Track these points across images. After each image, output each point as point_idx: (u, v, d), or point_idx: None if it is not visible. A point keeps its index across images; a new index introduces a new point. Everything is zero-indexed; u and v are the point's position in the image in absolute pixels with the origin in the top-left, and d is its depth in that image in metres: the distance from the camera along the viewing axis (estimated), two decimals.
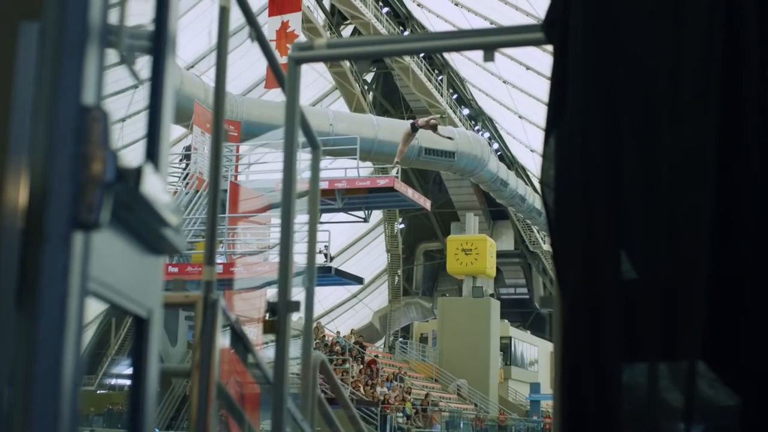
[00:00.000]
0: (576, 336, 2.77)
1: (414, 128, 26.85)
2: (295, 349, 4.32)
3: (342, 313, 64.69)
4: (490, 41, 3.49)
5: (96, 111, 1.60)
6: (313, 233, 4.34)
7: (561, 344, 2.85)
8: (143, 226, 1.87)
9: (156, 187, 1.78)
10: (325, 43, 3.68)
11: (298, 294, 4.20)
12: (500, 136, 62.98)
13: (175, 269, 23.38)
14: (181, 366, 3.95)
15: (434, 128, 26.87)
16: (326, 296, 58.63)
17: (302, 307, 4.04)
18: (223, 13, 3.43)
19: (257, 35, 3.53)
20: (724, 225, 2.59)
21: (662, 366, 2.68)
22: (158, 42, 2.16)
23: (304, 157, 4.83)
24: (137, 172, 1.63)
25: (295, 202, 3.75)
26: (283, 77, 3.82)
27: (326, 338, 40.66)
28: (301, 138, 4.09)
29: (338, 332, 44.97)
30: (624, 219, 2.79)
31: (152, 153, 2.12)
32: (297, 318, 4.29)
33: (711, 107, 2.65)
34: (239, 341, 3.64)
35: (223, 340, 4.04)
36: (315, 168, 4.38)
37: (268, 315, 3.64)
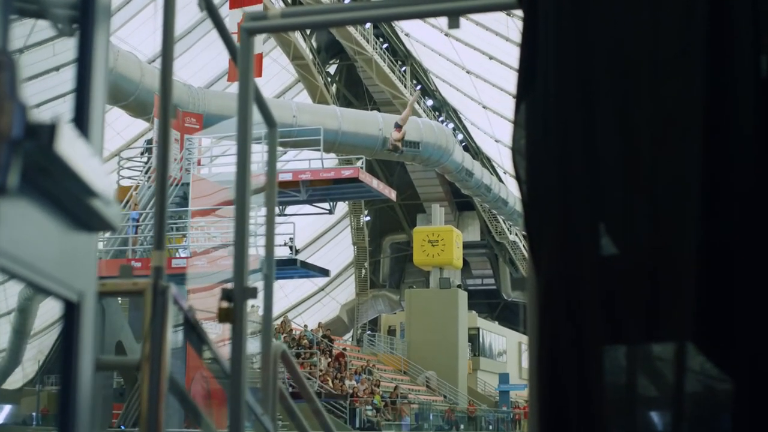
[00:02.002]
0: (553, 318, 2.57)
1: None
2: (256, 341, 4.11)
3: (309, 307, 64.43)
4: (456, 6, 3.27)
5: (1, 56, 1.37)
6: (272, 218, 4.12)
7: (537, 328, 2.65)
8: (68, 197, 1.65)
9: (80, 151, 1.56)
10: (279, 13, 3.46)
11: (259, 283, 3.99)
12: (465, 127, 62.92)
13: (138, 264, 23.04)
14: (129, 358, 3.72)
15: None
16: (293, 290, 58.41)
17: (261, 295, 3.83)
18: None
19: (207, 4, 3.30)
20: (712, 194, 2.40)
21: (647, 348, 2.48)
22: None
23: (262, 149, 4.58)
24: (51, 129, 1.40)
25: (251, 181, 3.53)
26: (236, 50, 3.59)
27: (293, 332, 40.42)
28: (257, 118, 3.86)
29: (306, 326, 44.73)
30: (602, 190, 2.59)
31: (80, 118, 1.90)
32: (253, 308, 4.08)
33: (695, 66, 2.45)
34: (193, 332, 3.42)
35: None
36: (272, 147, 4.16)
37: (223, 302, 3.41)
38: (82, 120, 1.89)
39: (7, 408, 44.42)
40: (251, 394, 3.66)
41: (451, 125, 61.01)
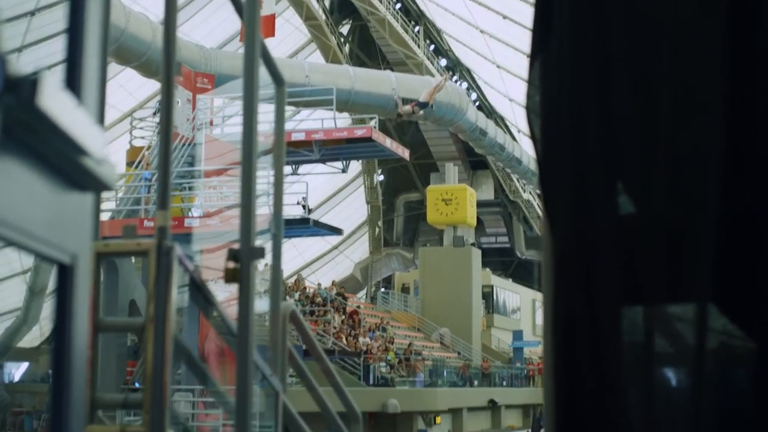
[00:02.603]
0: (568, 279, 2.48)
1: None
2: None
3: (323, 265, 64.53)
4: None
5: None
6: (280, 177, 4.03)
7: (551, 289, 2.56)
8: (56, 155, 1.56)
9: (67, 108, 1.47)
10: None
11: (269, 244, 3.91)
12: (478, 86, 62.63)
13: (151, 223, 23.01)
14: (134, 320, 3.66)
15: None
16: (307, 248, 58.46)
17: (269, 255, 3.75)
18: None
19: None
20: (735, 151, 2.30)
21: (666, 310, 2.39)
22: None
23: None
24: (32, 83, 1.32)
25: (258, 141, 3.44)
26: (242, 6, 3.49)
27: (307, 290, 40.48)
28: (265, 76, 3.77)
29: (319, 284, 44.80)
30: (619, 147, 2.49)
31: (73, 78, 1.81)
32: (267, 266, 4.01)
33: (718, 20, 2.34)
34: (199, 293, 3.35)
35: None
36: (280, 106, 4.06)
37: (230, 263, 3.34)
38: (74, 80, 1.80)
39: (25, 366, 44.72)
40: (261, 353, 3.59)
41: (465, 85, 60.74)
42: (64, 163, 1.60)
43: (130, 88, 43.32)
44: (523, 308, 59.74)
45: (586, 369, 2.40)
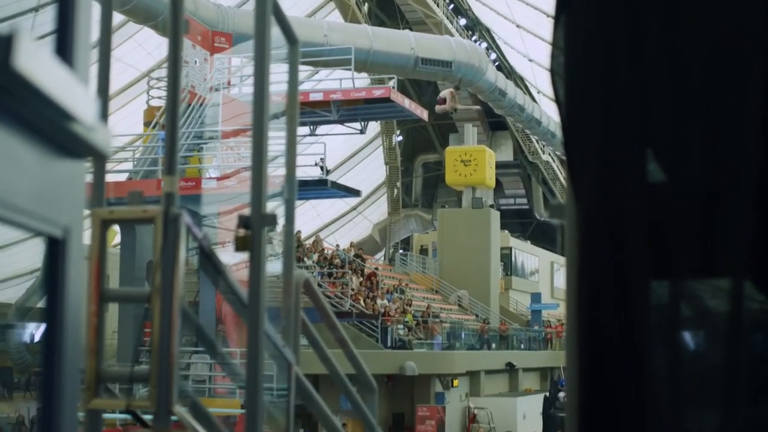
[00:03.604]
0: (594, 251, 2.35)
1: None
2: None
3: (341, 227, 64.48)
4: None
5: None
6: (293, 140, 3.90)
7: (576, 261, 2.43)
8: (42, 122, 1.43)
9: (51, 71, 1.34)
10: None
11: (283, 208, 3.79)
12: (498, 46, 62.21)
13: None
14: (139, 290, 3.54)
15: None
16: (325, 209, 58.42)
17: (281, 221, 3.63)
18: None
19: None
20: None
21: (698, 284, 2.26)
22: None
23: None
24: (6, 42, 1.18)
25: (269, 99, 3.30)
26: None
27: (325, 251, 40.43)
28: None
29: (337, 245, 44.75)
30: (650, 111, 2.34)
31: (63, 42, 1.68)
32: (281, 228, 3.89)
33: None
34: (209, 262, 3.22)
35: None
36: (293, 65, 3.92)
37: (241, 230, 3.21)
38: (64, 45, 1.67)
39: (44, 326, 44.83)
40: (275, 317, 3.47)
41: (484, 45, 60.32)
42: (50, 130, 1.48)
43: (149, 48, 43.15)
44: (542, 270, 59.63)
45: (613, 342, 2.28)
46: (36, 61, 1.26)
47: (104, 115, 2.68)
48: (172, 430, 2.96)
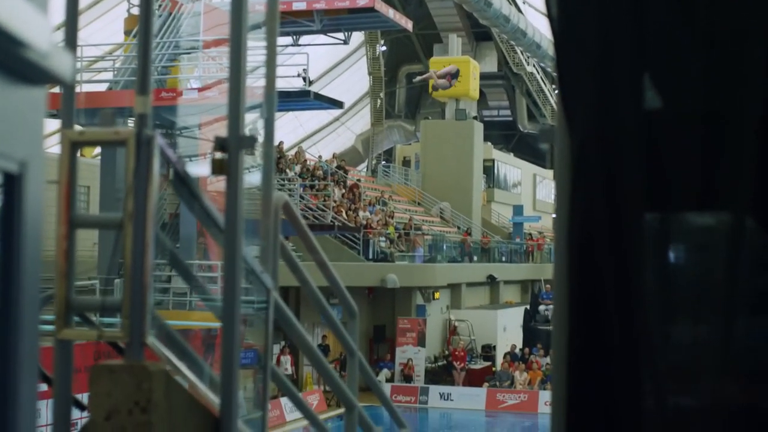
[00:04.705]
0: (588, 182, 2.23)
1: None
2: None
3: (324, 137, 64.11)
4: None
5: None
6: (273, 54, 3.72)
7: (568, 189, 2.31)
8: None
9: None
10: None
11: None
12: None
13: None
14: (110, 215, 3.41)
15: None
16: (307, 120, 57.99)
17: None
18: None
19: None
20: None
21: (696, 217, 2.15)
22: None
23: None
24: None
25: (248, 9, 3.14)
26: None
27: (308, 162, 40.22)
28: None
29: (320, 156, 44.51)
30: (649, 33, 2.21)
31: None
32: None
33: None
34: (183, 186, 3.09)
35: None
36: None
37: (217, 153, 3.08)
38: None
39: None
40: (252, 228, 3.34)
41: None
42: (6, 57, 1.34)
43: None
44: (524, 183, 59.60)
45: (605, 279, 2.17)
46: None
47: (71, 39, 2.52)
48: (145, 360, 2.85)
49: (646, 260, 2.20)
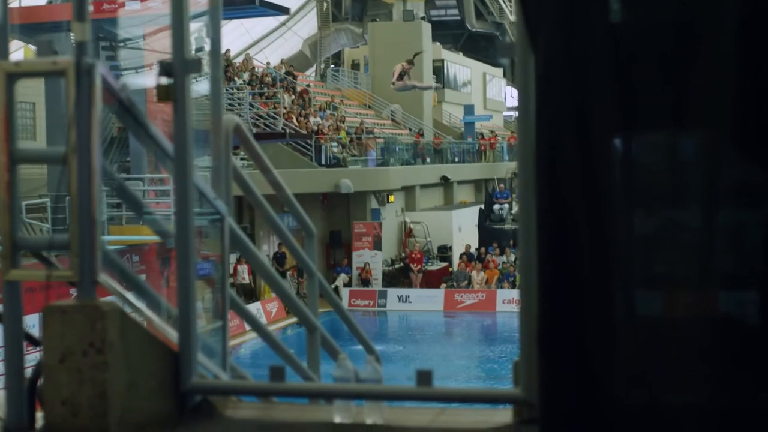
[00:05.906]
0: (553, 100, 2.12)
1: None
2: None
3: (271, 43, 63.25)
4: None
5: None
6: None
7: (534, 110, 2.20)
8: None
9: None
10: None
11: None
12: None
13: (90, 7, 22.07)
14: (53, 149, 3.24)
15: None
16: (253, 26, 57.13)
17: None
18: None
19: None
20: None
21: (670, 137, 2.05)
22: None
23: None
24: None
25: None
26: None
27: (256, 69, 39.72)
28: None
29: (268, 63, 43.97)
30: None
31: None
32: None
33: None
34: (128, 115, 2.95)
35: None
36: None
37: (162, 78, 2.93)
38: None
39: None
40: (200, 137, 3.20)
41: None
42: None
43: None
44: (474, 82, 59.39)
45: (578, 212, 2.08)
46: None
47: None
48: (98, 299, 2.74)
49: (617, 181, 2.11)
